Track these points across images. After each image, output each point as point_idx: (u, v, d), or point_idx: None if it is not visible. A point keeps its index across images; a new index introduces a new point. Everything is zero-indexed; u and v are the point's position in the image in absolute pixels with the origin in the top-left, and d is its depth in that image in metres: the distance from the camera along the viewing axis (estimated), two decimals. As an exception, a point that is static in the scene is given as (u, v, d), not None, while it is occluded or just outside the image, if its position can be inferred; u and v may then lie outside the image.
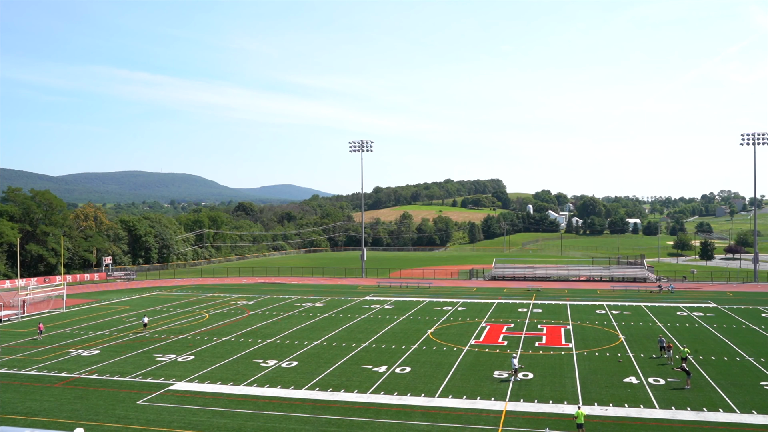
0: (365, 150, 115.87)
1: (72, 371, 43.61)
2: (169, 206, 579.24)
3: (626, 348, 50.29)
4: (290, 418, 32.82)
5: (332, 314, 69.61)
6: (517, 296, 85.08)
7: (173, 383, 39.96)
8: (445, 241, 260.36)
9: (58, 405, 35.69)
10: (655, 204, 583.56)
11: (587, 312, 69.97)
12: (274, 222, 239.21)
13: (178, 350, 50.30)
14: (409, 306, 75.73)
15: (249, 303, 79.40)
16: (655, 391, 37.29)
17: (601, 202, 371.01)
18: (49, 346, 52.53)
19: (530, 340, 53.89)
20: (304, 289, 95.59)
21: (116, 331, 59.38)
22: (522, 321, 63.91)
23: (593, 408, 34.07)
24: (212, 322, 64.73)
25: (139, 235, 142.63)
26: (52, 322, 64.77)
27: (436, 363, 45.24)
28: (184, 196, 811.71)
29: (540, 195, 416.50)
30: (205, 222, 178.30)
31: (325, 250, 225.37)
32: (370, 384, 39.35)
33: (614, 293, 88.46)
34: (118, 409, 34.80)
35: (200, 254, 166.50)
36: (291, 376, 41.49)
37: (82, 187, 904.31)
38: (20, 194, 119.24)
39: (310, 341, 53.77)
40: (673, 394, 36.70)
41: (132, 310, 73.99)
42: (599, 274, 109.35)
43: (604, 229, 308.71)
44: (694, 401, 35.29)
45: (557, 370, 42.75)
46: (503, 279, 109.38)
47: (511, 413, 33.40)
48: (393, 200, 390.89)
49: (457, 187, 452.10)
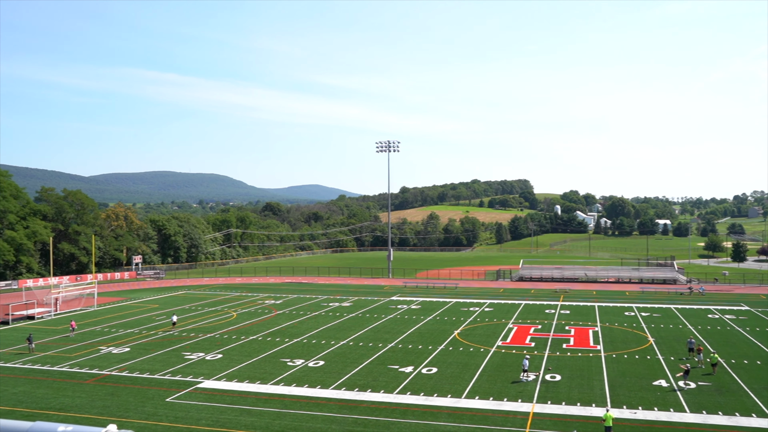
0: (392, 150, 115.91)
1: (103, 368, 44.22)
2: (198, 206, 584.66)
3: (656, 350, 49.67)
4: (317, 417, 32.94)
5: (359, 314, 69.72)
6: (544, 297, 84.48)
7: (201, 381, 40.32)
8: (472, 241, 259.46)
9: (90, 401, 36.21)
10: (685, 205, 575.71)
11: (616, 314, 69.25)
12: (301, 222, 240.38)
13: (207, 349, 50.75)
14: (436, 306, 75.59)
15: (276, 302, 79.84)
16: (685, 395, 36.79)
17: (630, 202, 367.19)
18: (81, 344, 53.32)
19: (558, 341, 53.48)
20: (330, 289, 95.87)
21: (146, 329, 60.08)
22: (549, 322, 63.45)
23: (622, 411, 33.70)
24: (240, 321, 65.20)
25: (168, 234, 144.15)
26: (83, 320, 65.73)
27: (462, 364, 45.10)
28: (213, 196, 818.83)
29: (568, 195, 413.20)
30: (233, 222, 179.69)
31: (352, 250, 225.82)
32: (397, 384, 39.34)
33: (643, 295, 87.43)
34: (147, 406, 35.21)
35: (228, 254, 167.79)
36: (318, 376, 41.63)
37: (113, 187, 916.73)
38: (53, 194, 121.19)
39: (337, 341, 53.91)
40: (704, 398, 36.16)
41: (161, 308, 74.81)
42: (628, 276, 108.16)
43: (633, 230, 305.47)
44: (725, 405, 34.74)
45: (585, 372, 42.38)
46: (530, 280, 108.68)
47: (538, 415, 33.17)
48: (420, 200, 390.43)
49: (484, 188, 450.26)
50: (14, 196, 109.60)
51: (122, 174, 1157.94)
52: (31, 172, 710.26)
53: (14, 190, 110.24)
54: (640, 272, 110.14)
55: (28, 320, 66.44)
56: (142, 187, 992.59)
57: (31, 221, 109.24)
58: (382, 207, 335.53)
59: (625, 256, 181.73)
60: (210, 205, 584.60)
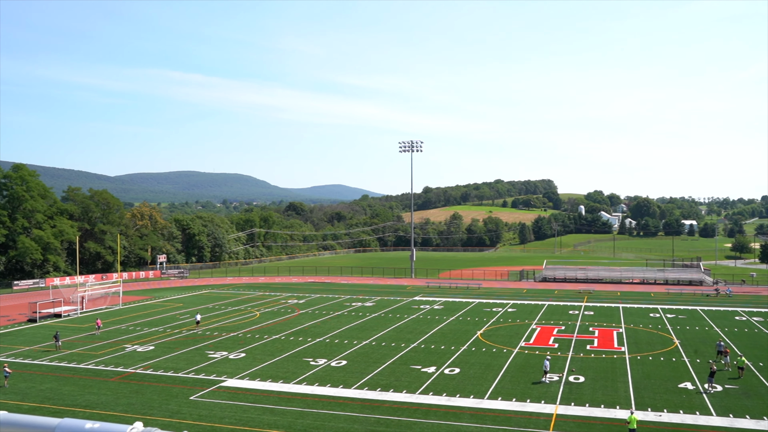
0: (415, 150, 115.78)
1: (128, 366, 44.68)
2: (222, 206, 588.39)
3: (681, 352, 49.11)
4: (339, 417, 33.00)
5: (381, 314, 69.76)
6: (568, 298, 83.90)
7: (225, 380, 40.59)
8: (495, 241, 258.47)
9: (115, 399, 36.61)
10: (712, 205, 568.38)
11: (641, 315, 68.58)
12: (324, 222, 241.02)
13: (230, 348, 51.06)
14: (459, 307, 75.40)
15: (299, 302, 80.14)
16: (711, 398, 36.32)
17: (655, 203, 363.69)
18: (106, 342, 53.92)
19: (581, 342, 53.08)
20: (353, 289, 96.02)
21: (170, 328, 60.61)
22: (573, 323, 63.00)
23: (647, 413, 33.36)
24: (263, 320, 65.54)
25: (193, 234, 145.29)
26: (109, 318, 66.46)
27: (485, 364, 44.94)
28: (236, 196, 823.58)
29: (592, 195, 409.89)
30: (256, 221, 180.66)
31: (375, 250, 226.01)
32: (419, 384, 39.30)
33: (669, 296, 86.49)
34: (171, 404, 35.52)
35: (251, 253, 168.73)
36: (340, 375, 41.71)
37: (138, 186, 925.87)
38: (79, 194, 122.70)
39: (360, 341, 53.98)
40: (731, 401, 35.68)
41: (185, 307, 75.42)
42: (653, 277, 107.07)
43: (658, 231, 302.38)
44: (753, 409, 34.24)
45: (609, 374, 42.01)
46: (554, 280, 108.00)
47: (562, 417, 32.95)
48: (443, 200, 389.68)
49: (508, 188, 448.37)
50: (42, 195, 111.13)
51: (147, 174, 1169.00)
52: (59, 172, 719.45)
53: (42, 190, 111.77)
54: (666, 273, 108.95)
55: (55, 318, 67.35)
56: (166, 187, 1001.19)
57: (58, 220, 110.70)
58: (405, 207, 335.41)
59: (650, 257, 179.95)
60: (234, 205, 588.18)
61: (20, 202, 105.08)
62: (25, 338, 56.17)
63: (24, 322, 65.42)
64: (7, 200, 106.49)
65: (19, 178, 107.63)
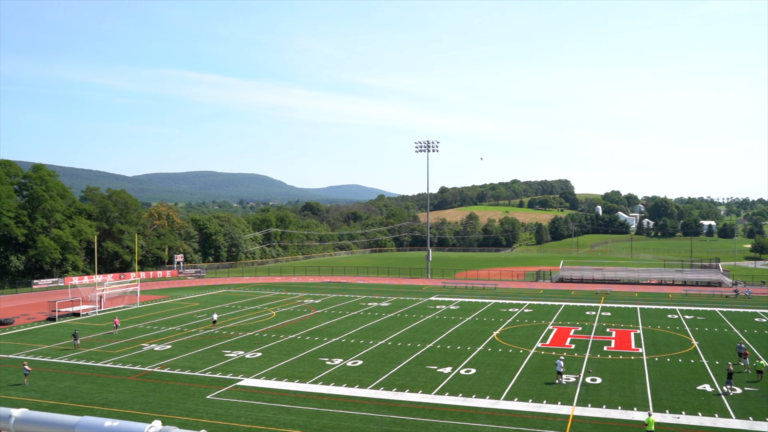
0: (431, 150, 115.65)
1: (145, 365, 44.98)
2: (238, 206, 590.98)
3: (700, 354, 48.69)
4: (355, 417, 33.03)
5: (397, 314, 69.74)
6: (585, 299, 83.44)
7: (241, 379, 40.76)
8: (512, 242, 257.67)
9: (133, 397, 36.88)
10: (731, 205, 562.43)
11: (658, 316, 68.06)
12: (340, 222, 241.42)
13: (246, 347, 51.27)
14: (475, 307, 75.22)
15: (315, 302, 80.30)
16: (731, 400, 35.97)
17: (673, 203, 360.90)
18: (124, 340, 54.33)
19: (598, 344, 52.77)
20: (369, 289, 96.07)
21: (187, 327, 60.96)
22: (590, 324, 62.65)
23: (664, 415, 33.11)
24: (279, 320, 65.73)
25: (210, 233, 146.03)
26: (126, 317, 66.97)
27: (501, 365, 44.81)
28: (253, 196, 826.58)
29: (609, 196, 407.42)
30: (272, 221, 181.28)
31: (391, 250, 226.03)
32: (435, 385, 39.25)
33: (687, 297, 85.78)
34: (188, 402, 35.72)
35: (268, 253, 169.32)
36: (356, 375, 41.75)
37: (156, 186, 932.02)
38: (98, 194, 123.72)
39: (375, 341, 54.00)
40: (750, 404, 35.31)
41: (202, 307, 75.82)
42: (671, 278, 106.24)
43: (676, 231, 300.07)
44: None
45: (627, 376, 41.74)
46: (571, 281, 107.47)
47: (579, 418, 32.78)
48: (459, 200, 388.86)
49: (524, 188, 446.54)
50: (61, 195, 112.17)
51: (164, 174, 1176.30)
52: (77, 172, 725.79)
53: (61, 190, 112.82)
54: (684, 274, 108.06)
55: (74, 317, 67.96)
56: (183, 187, 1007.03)
57: (76, 220, 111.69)
58: (421, 207, 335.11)
59: (668, 257, 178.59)
60: (250, 205, 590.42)
61: (40, 202, 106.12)
62: (45, 337, 56.74)
63: (43, 320, 66.07)
64: (27, 200, 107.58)
65: (39, 178, 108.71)
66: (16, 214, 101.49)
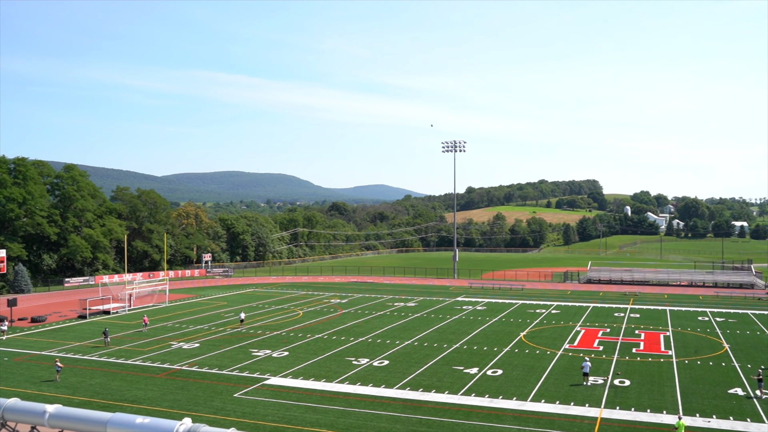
0: (458, 150, 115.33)
1: (174, 363, 45.47)
2: (266, 205, 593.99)
3: (731, 357, 47.94)
4: (381, 417, 33.07)
5: (424, 314, 69.67)
6: (613, 300, 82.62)
7: (268, 378, 41.01)
8: (539, 242, 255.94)
9: (161, 395, 37.31)
10: (764, 206, 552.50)
11: (689, 318, 67.15)
12: (367, 222, 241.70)
13: (273, 346, 51.58)
14: (502, 308, 74.87)
15: (342, 301, 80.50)
16: (763, 404, 35.37)
17: (704, 203, 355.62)
18: (153, 338, 54.97)
19: (627, 345, 52.21)
20: (395, 289, 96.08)
21: (215, 326, 61.48)
22: (618, 326, 62.02)
23: (695, 419, 32.67)
24: (306, 319, 66.02)
25: (237, 233, 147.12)
26: (155, 316, 67.74)
27: (528, 366, 44.55)
28: (280, 196, 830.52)
29: (638, 196, 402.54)
30: (299, 221, 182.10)
31: (417, 250, 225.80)
32: (461, 385, 39.15)
33: (718, 299, 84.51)
34: (216, 400, 36.04)
35: (295, 253, 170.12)
36: (382, 375, 41.80)
37: (184, 186, 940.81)
38: (128, 193, 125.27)
39: (402, 341, 54.00)
40: (782, 408, 34.70)
41: (229, 306, 76.41)
42: (702, 279, 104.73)
43: (707, 232, 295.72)
44: (806, 416, 33.26)
45: (656, 378, 41.25)
46: (599, 282, 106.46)
47: (606, 421, 32.48)
48: (486, 201, 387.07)
49: (552, 188, 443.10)
50: (92, 195, 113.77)
51: (193, 174, 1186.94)
52: (108, 172, 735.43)
53: (92, 190, 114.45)
54: (715, 276, 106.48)
55: (104, 315, 68.93)
56: (212, 187, 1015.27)
57: (107, 219, 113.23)
58: (448, 207, 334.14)
59: (698, 258, 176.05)
60: (277, 205, 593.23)
61: (71, 202, 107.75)
62: (76, 334, 57.63)
63: (74, 318, 67.11)
64: (59, 199, 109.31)
65: (71, 178, 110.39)
66: (48, 214, 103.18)
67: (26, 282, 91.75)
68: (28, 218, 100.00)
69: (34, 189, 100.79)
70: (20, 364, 45.90)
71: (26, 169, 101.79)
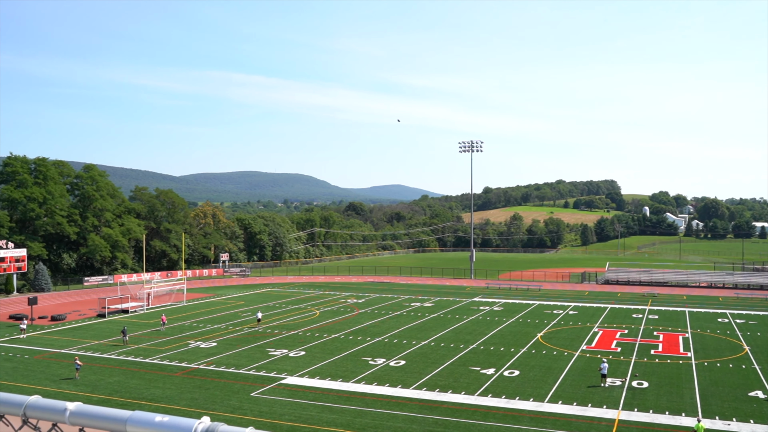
0: (475, 150, 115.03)
1: (191, 362, 45.75)
2: (283, 205, 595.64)
3: (752, 359, 47.44)
4: (397, 417, 33.07)
5: (440, 315, 69.58)
6: (631, 301, 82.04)
7: (285, 377, 41.15)
8: (556, 243, 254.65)
9: (179, 393, 37.55)
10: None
11: (708, 320, 66.53)
12: (384, 222, 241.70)
13: (290, 345, 51.74)
14: (519, 308, 74.60)
15: (358, 301, 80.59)
16: (783, 407, 34.98)
17: (724, 204, 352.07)
18: (171, 337, 55.34)
19: (645, 347, 51.83)
20: (412, 289, 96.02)
21: (232, 325, 61.77)
22: (637, 327, 61.57)
23: (714, 422, 32.37)
24: (322, 319, 66.16)
25: (254, 233, 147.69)
26: (173, 315, 68.18)
27: (545, 367, 44.36)
28: (297, 196, 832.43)
29: (657, 196, 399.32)
30: (316, 221, 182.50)
31: (434, 250, 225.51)
32: (478, 386, 39.06)
33: (738, 301, 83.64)
34: (233, 399, 36.21)
35: (312, 252, 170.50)
36: (399, 375, 41.80)
37: (202, 186, 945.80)
38: (146, 193, 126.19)
39: (418, 341, 53.97)
40: (803, 411, 34.28)
41: (246, 305, 76.73)
42: (722, 281, 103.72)
43: (727, 233, 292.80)
44: (827, 419, 32.84)
45: (674, 380, 40.92)
46: (617, 283, 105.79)
47: (624, 423, 32.26)
48: (503, 201, 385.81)
49: (569, 188, 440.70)
50: (111, 195, 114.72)
51: (211, 174, 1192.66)
52: (126, 172, 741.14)
53: (111, 190, 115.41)
54: (735, 277, 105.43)
55: (123, 314, 69.47)
56: (229, 187, 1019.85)
57: (126, 219, 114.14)
58: (465, 207, 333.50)
59: (718, 260, 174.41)
60: (294, 205, 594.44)
61: (91, 201, 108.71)
62: (95, 332, 58.15)
63: (94, 317, 67.72)
64: (79, 199, 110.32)
65: (90, 178, 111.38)
66: (68, 213, 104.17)
67: (46, 281, 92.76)
68: (48, 218, 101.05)
69: (55, 189, 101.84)
70: (40, 361, 46.41)
71: (47, 169, 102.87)
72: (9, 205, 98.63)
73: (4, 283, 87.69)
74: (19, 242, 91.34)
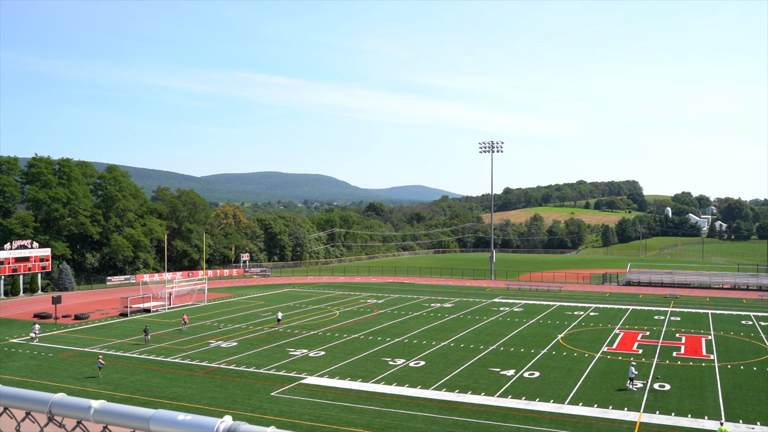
0: (495, 151, 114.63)
1: (212, 361, 46.07)
2: (303, 206, 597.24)
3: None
4: (417, 417, 33.07)
5: (460, 315, 69.44)
6: (653, 303, 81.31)
7: (305, 377, 41.30)
8: (577, 244, 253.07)
9: (200, 392, 37.83)
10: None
11: (731, 322, 65.76)
12: (404, 222, 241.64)
13: (310, 345, 51.91)
14: (539, 309, 74.24)
15: (378, 302, 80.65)
16: (808, 410, 34.49)
17: (748, 205, 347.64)
18: (192, 337, 55.76)
19: (667, 349, 51.36)
20: (432, 290, 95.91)
21: (252, 325, 62.10)
22: (659, 329, 61.03)
23: (738, 426, 32.00)
24: (342, 319, 66.29)
25: (275, 233, 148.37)
26: (194, 314, 68.69)
27: (566, 369, 44.11)
28: (317, 196, 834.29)
29: (679, 197, 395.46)
30: (336, 221, 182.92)
31: (454, 251, 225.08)
32: (498, 387, 38.94)
33: (763, 303, 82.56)
34: (253, 399, 36.42)
35: (332, 253, 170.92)
36: (418, 376, 41.78)
37: (223, 187, 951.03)
38: (168, 194, 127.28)
39: (438, 342, 53.90)
40: (829, 415, 33.78)
41: (267, 305, 77.08)
42: (745, 282, 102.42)
43: (751, 234, 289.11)
44: None
45: (697, 383, 40.50)
46: (638, 284, 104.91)
47: (646, 425, 32.00)
48: (523, 201, 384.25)
49: (590, 189, 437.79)
50: (133, 195, 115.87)
51: (232, 174, 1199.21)
52: (149, 172, 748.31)
53: (133, 190, 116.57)
54: (759, 279, 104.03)
55: (145, 313, 70.10)
56: (250, 187, 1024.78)
57: (148, 219, 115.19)
58: (485, 208, 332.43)
59: (741, 261, 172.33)
60: (315, 205, 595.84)
61: (113, 202, 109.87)
62: (117, 331, 58.74)
63: (116, 316, 68.42)
64: (102, 199, 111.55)
65: (113, 178, 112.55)
66: (91, 213, 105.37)
67: (70, 280, 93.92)
68: (72, 218, 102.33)
69: (78, 189, 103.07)
70: (64, 360, 46.99)
71: (70, 170, 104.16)
72: (34, 206, 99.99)
73: (29, 282, 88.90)
74: (43, 242, 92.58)
